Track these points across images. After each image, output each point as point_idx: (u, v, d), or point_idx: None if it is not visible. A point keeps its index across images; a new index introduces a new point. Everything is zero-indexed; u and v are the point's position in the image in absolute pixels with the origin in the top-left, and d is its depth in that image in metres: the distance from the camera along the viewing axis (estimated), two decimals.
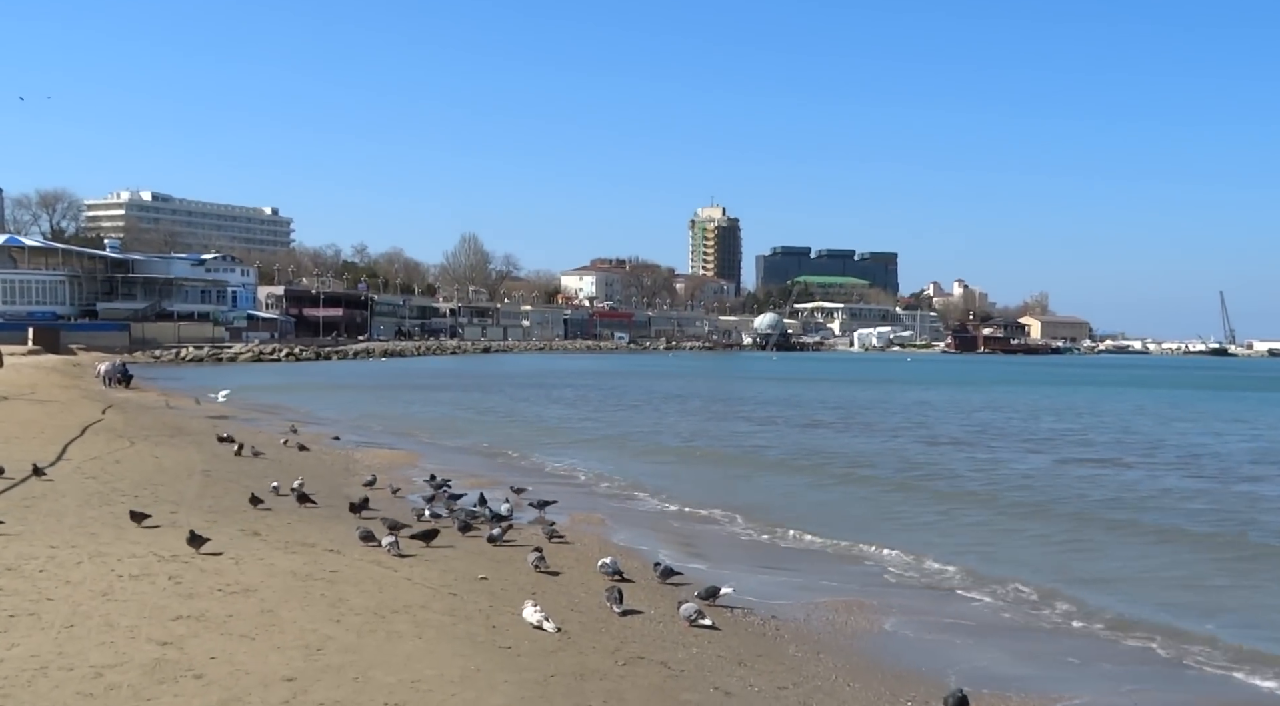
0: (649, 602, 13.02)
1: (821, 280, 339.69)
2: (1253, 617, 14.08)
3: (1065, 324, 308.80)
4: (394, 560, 13.90)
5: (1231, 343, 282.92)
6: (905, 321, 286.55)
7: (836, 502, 23.30)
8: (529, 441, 34.93)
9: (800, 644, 11.95)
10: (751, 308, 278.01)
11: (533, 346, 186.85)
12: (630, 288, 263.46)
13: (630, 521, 19.88)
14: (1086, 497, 24.14)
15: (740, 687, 9.82)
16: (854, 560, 17.17)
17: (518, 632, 10.77)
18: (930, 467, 29.54)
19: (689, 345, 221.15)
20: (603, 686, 9.20)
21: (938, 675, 11.08)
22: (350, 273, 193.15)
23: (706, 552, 17.49)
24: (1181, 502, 23.62)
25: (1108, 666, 11.79)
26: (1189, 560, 17.61)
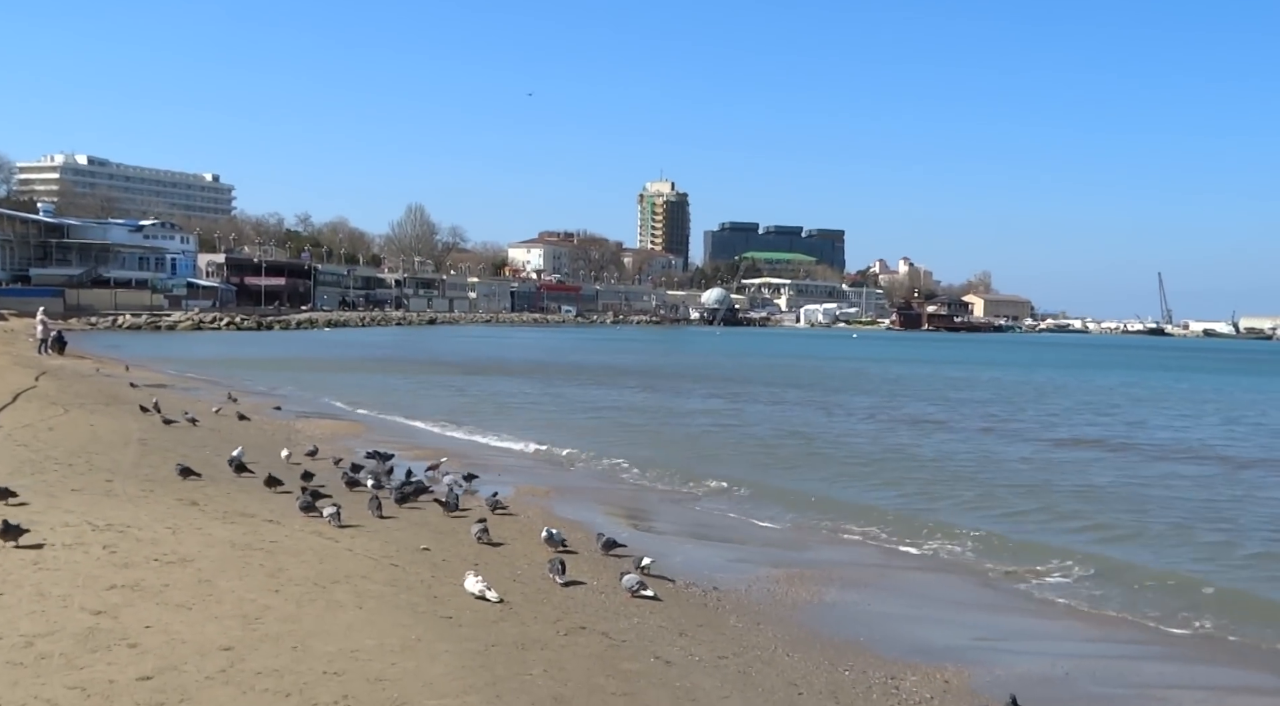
0: (592, 573, 13.05)
1: (769, 256, 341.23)
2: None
3: (1007, 302, 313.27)
4: (335, 530, 13.78)
5: (1169, 323, 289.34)
6: (851, 298, 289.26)
7: (787, 477, 23.46)
8: (476, 414, 34.80)
9: (741, 614, 12.05)
10: (699, 282, 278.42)
11: (479, 318, 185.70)
12: (578, 261, 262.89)
13: (575, 494, 19.88)
14: (1045, 474, 24.57)
15: (681, 657, 9.88)
16: (799, 533, 17.31)
17: (459, 603, 10.73)
18: (876, 445, 29.89)
19: (636, 319, 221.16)
20: (544, 656, 9.21)
21: (877, 645, 11.24)
22: (294, 242, 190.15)
23: (652, 525, 17.56)
24: (1102, 467, 24.16)
25: (1049, 639, 12.03)
26: (1158, 530, 17.99)
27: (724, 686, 9.09)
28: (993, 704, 9.30)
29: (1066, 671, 10.71)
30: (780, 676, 9.72)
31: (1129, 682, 10.46)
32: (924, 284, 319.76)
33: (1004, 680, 10.13)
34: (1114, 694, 10.08)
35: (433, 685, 8.00)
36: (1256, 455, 29.36)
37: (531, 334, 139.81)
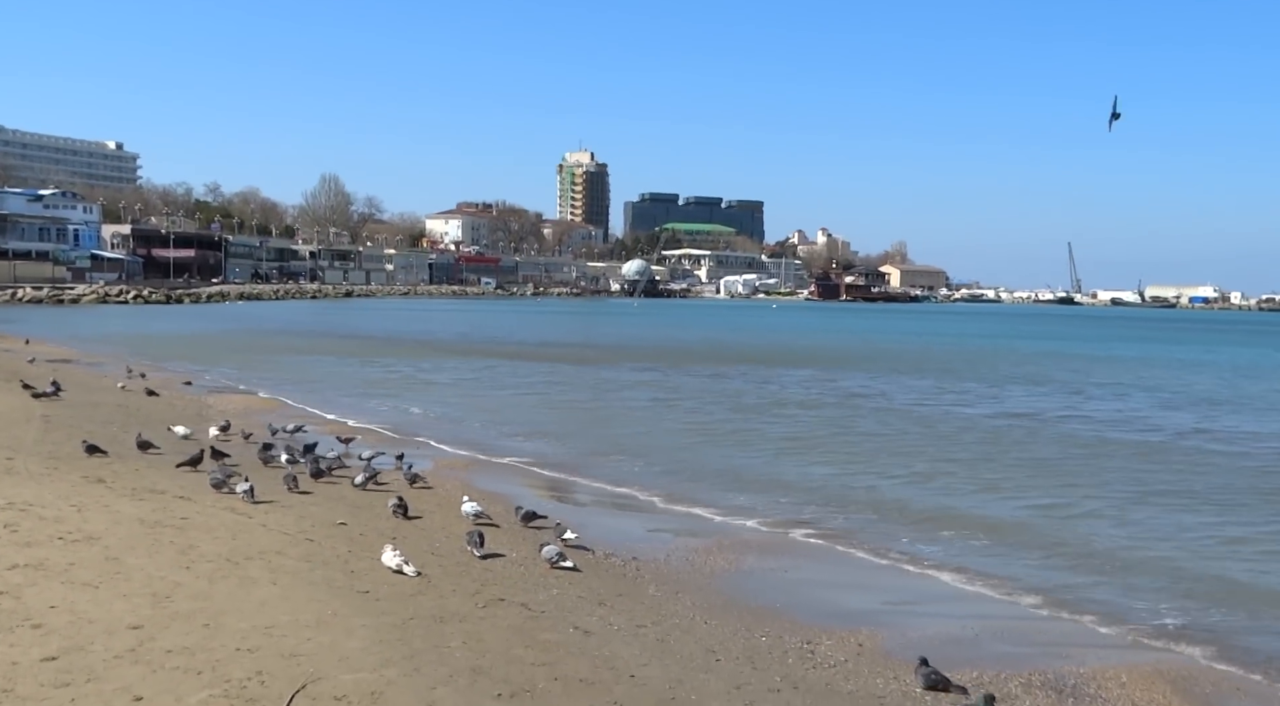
0: (511, 546, 13.03)
1: (689, 227, 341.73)
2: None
3: (923, 273, 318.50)
4: (248, 506, 13.55)
5: (1078, 292, 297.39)
6: (771, 269, 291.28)
7: (701, 450, 23.65)
8: (394, 388, 34.45)
9: (660, 584, 12.14)
10: (620, 254, 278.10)
11: (396, 291, 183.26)
12: (497, 232, 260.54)
13: (495, 467, 19.83)
14: (971, 443, 25.12)
15: (600, 627, 9.93)
16: (717, 505, 17.45)
17: (376, 577, 10.65)
18: (789, 417, 30.25)
19: (556, 291, 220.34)
20: (462, 628, 9.19)
21: (793, 611, 11.42)
22: (203, 212, 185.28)
23: (573, 497, 17.59)
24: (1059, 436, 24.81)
25: (960, 602, 12.33)
26: (1072, 501, 18.50)
27: (642, 654, 9.17)
28: (904, 664, 9.52)
29: (975, 633, 11.00)
30: (698, 643, 9.84)
31: (1034, 642, 10.78)
32: (842, 254, 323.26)
33: (915, 642, 10.37)
34: (1019, 652, 10.39)
35: (349, 659, 7.94)
36: (1184, 424, 30.36)
37: (451, 307, 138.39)
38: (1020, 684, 9.39)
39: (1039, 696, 9.15)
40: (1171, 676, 9.69)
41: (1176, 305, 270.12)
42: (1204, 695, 9.36)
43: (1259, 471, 21.57)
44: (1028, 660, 10.11)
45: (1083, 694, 9.29)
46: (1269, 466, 22.27)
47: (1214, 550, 14.92)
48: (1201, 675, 9.85)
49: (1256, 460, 23.23)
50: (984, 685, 9.25)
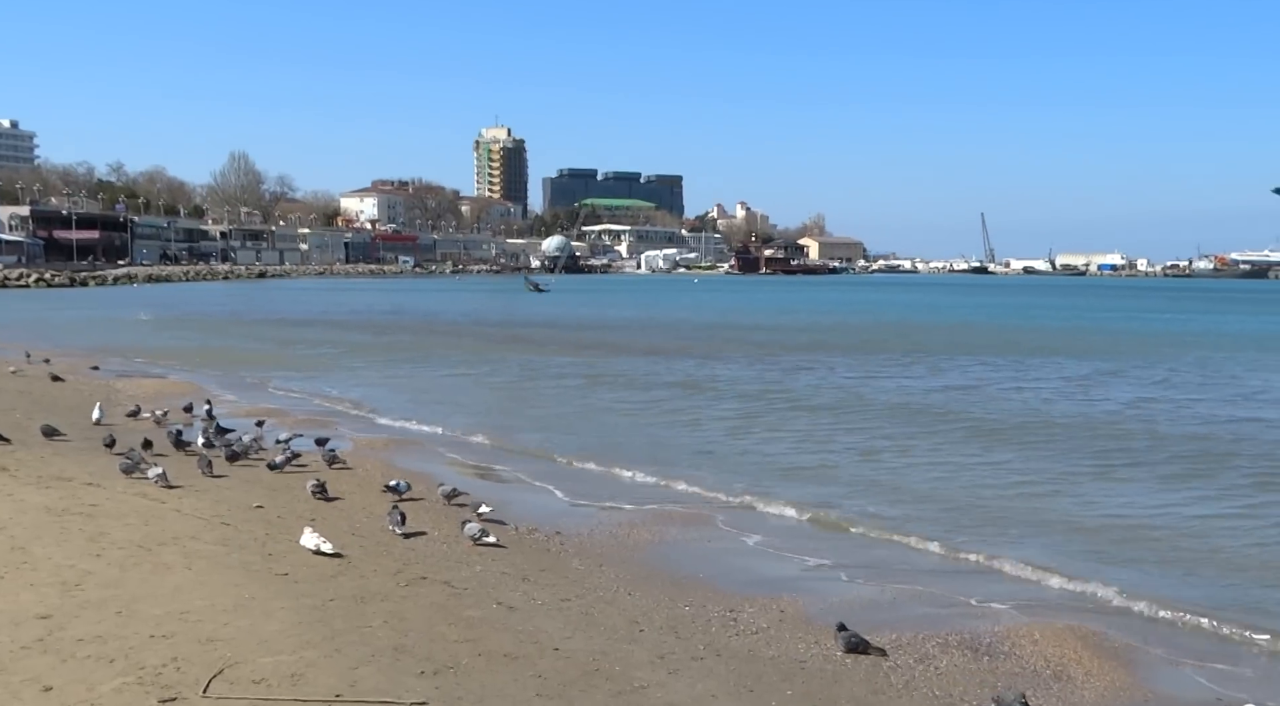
0: (433, 524, 12.95)
1: (608, 202, 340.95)
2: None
3: (841, 244, 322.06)
4: (161, 491, 13.25)
5: (991, 261, 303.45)
6: (691, 243, 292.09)
7: (626, 424, 23.71)
8: (311, 369, 33.89)
9: (584, 557, 12.16)
10: (539, 230, 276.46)
11: (311, 271, 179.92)
12: (414, 210, 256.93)
13: (416, 446, 19.62)
14: (895, 414, 25.51)
15: (523, 602, 9.92)
16: (644, 477, 17.51)
17: (295, 559, 10.50)
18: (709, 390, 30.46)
19: (476, 269, 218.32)
20: (384, 607, 9.11)
21: (716, 580, 11.52)
22: (107, 192, 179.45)
23: (496, 473, 17.49)
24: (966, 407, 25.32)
25: (879, 567, 12.54)
26: (984, 465, 18.89)
27: (566, 628, 9.18)
28: (825, 629, 9.67)
29: (893, 596, 11.22)
30: (622, 615, 9.88)
31: (951, 604, 11.02)
32: (761, 228, 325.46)
33: (836, 607, 10.54)
34: (936, 614, 10.61)
35: (268, 642, 7.82)
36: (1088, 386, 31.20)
37: (369, 286, 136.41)
38: (937, 644, 9.60)
39: (955, 656, 9.36)
40: (1083, 633, 9.97)
41: (1086, 273, 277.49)
42: (1114, 650, 9.66)
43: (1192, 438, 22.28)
44: (944, 621, 10.33)
45: (998, 652, 9.53)
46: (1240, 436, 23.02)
47: (1130, 512, 15.36)
48: (1112, 631, 10.15)
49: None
50: (902, 646, 9.45)
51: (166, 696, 6.79)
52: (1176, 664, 9.51)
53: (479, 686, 7.48)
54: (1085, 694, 8.69)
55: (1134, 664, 9.38)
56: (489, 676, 7.69)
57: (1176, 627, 10.50)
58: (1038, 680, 8.92)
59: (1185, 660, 9.58)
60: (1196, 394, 29.12)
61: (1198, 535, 13.90)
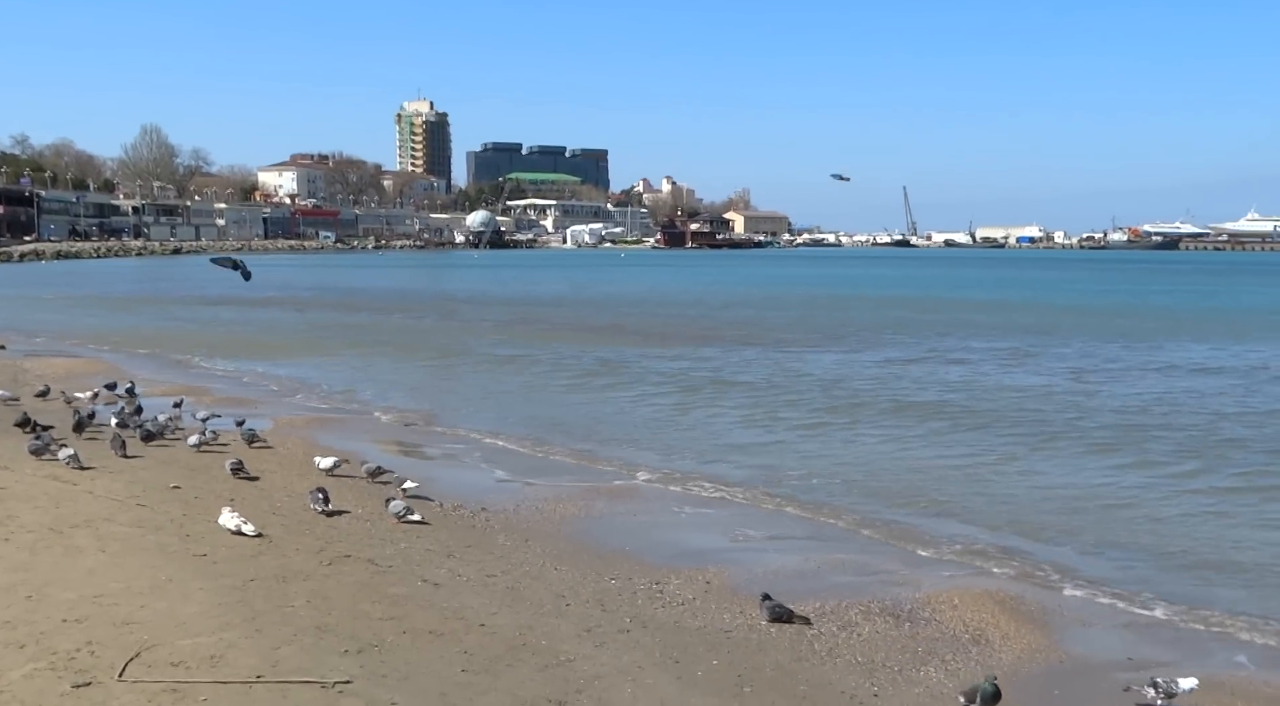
0: (357, 502, 12.78)
1: (533, 177, 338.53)
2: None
3: (766, 218, 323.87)
4: (73, 473, 12.89)
5: (913, 234, 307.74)
6: (617, 218, 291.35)
7: (553, 400, 23.65)
8: (231, 348, 33.21)
9: (510, 533, 12.11)
10: (463, 205, 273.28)
11: (229, 247, 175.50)
12: (335, 184, 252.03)
13: (339, 424, 19.35)
14: (821, 388, 25.75)
15: (448, 578, 9.86)
16: (571, 453, 17.50)
17: (214, 540, 10.30)
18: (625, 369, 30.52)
19: (399, 244, 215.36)
20: (306, 587, 8.99)
21: (642, 553, 11.55)
22: (10, 166, 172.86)
23: (421, 451, 17.33)
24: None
25: (804, 539, 12.69)
26: (901, 444, 19.18)
27: (492, 603, 9.15)
28: (750, 599, 9.77)
29: (817, 566, 11.36)
30: (548, 589, 9.87)
31: (873, 572, 11.20)
32: (687, 202, 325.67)
33: (760, 577, 10.65)
34: (859, 582, 10.78)
35: (186, 624, 7.67)
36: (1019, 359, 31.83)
37: (290, 262, 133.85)
38: (860, 611, 9.75)
39: (878, 622, 9.53)
40: (1001, 598, 10.21)
41: (1005, 245, 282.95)
42: (1030, 613, 9.91)
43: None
44: (867, 589, 10.50)
45: (919, 617, 9.72)
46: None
47: (1051, 484, 15.73)
48: (1029, 596, 10.41)
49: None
50: (826, 615, 9.58)
51: (80, 681, 6.63)
52: (1089, 626, 9.78)
53: (404, 664, 7.43)
54: (1003, 656, 8.90)
55: (1049, 627, 9.63)
56: (414, 653, 7.64)
57: (1091, 592, 10.79)
58: (957, 644, 9.11)
59: (1098, 622, 9.87)
60: (1120, 366, 29.90)
61: (1115, 505, 14.27)
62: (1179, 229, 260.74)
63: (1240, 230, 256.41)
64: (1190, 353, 32.88)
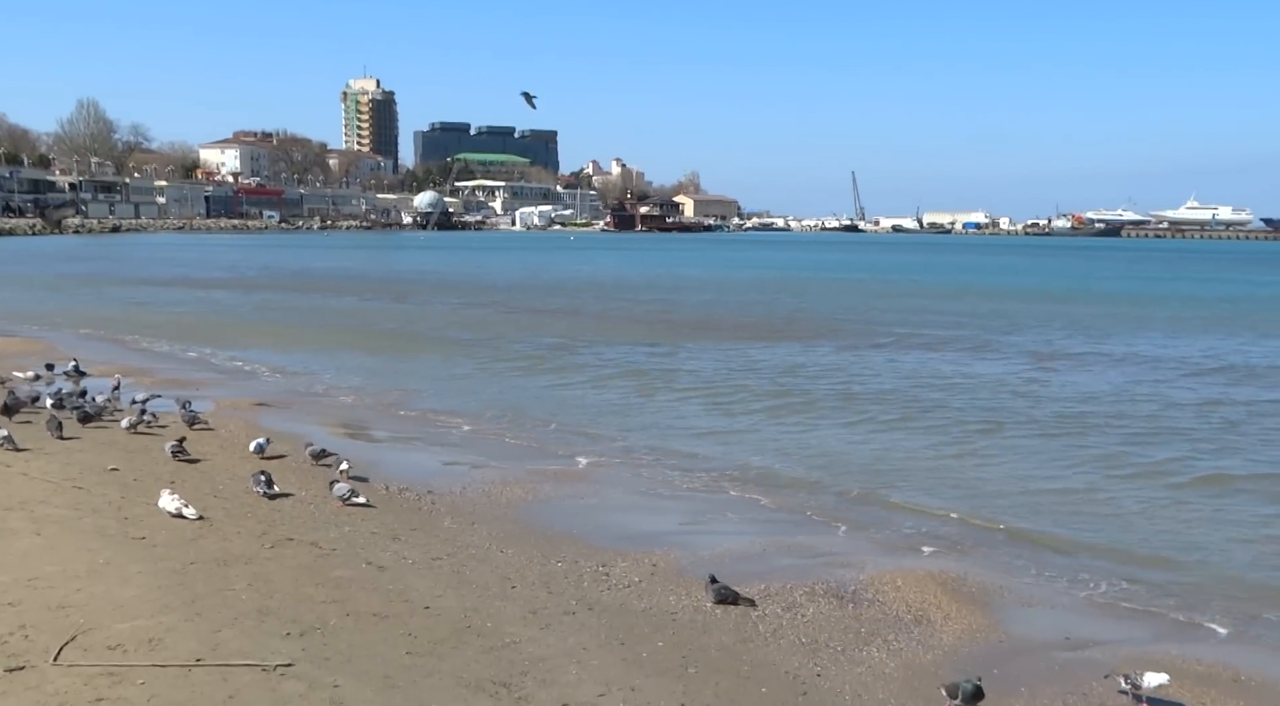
0: (301, 484, 12.65)
1: (482, 158, 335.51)
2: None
3: (716, 202, 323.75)
4: (6, 455, 12.62)
5: (861, 220, 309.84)
6: (566, 200, 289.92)
7: (500, 383, 23.54)
8: (173, 330, 32.66)
9: (456, 516, 12.05)
10: (410, 185, 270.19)
11: (170, 225, 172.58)
12: (279, 163, 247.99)
13: (283, 406, 19.11)
14: (766, 373, 25.85)
15: (393, 561, 9.79)
16: (516, 437, 17.43)
17: (154, 522, 10.14)
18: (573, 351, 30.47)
19: (345, 225, 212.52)
20: (248, 570, 8.88)
21: (589, 536, 11.56)
22: None
23: (367, 433, 17.17)
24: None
25: (750, 522, 12.78)
26: (855, 420, 19.33)
27: (437, 586, 9.10)
28: (696, 582, 9.82)
29: (763, 548, 11.44)
30: (494, 572, 9.84)
31: (818, 554, 11.30)
32: (636, 185, 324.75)
33: (707, 559, 10.70)
34: (804, 564, 10.87)
35: (123, 608, 7.54)
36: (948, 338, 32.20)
37: (233, 242, 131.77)
38: (804, 593, 9.84)
39: (822, 604, 9.62)
40: (943, 579, 10.36)
41: (951, 231, 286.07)
42: (971, 594, 10.06)
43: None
44: (811, 571, 10.59)
45: (862, 598, 9.83)
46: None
47: (989, 466, 15.96)
48: (971, 577, 10.57)
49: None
50: (771, 596, 9.66)
51: (13, 665, 6.50)
52: (1029, 606, 9.96)
53: (347, 646, 7.37)
54: (944, 637, 9.03)
55: (990, 607, 9.79)
56: (358, 636, 7.58)
57: (1031, 573, 10.98)
58: (899, 625, 9.23)
59: (1038, 603, 10.05)
60: (1071, 354, 30.38)
61: (1057, 490, 14.52)
62: (1121, 216, 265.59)
63: (1180, 218, 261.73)
64: (1140, 344, 33.43)
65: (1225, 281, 72.35)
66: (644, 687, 7.30)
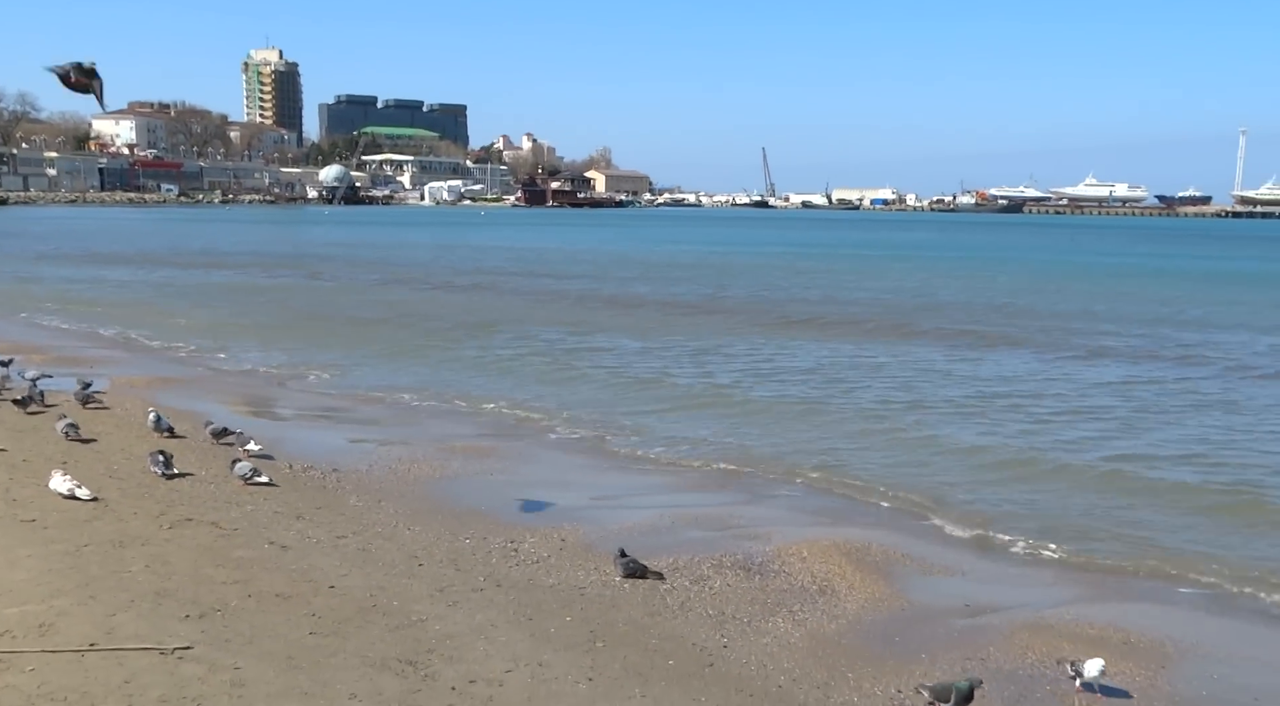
0: (201, 464, 12.34)
1: (390, 132, 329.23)
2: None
3: (628, 178, 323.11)
4: None
5: (772, 196, 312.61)
6: (476, 175, 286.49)
7: (409, 360, 23.26)
8: (66, 306, 31.57)
9: (362, 494, 11.89)
10: (316, 159, 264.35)
11: (61, 198, 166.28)
12: (177, 135, 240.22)
13: (182, 384, 18.63)
14: (669, 351, 25.91)
15: (297, 540, 9.62)
16: (425, 410, 17.26)
17: (45, 504, 9.80)
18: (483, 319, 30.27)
19: (248, 199, 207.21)
20: (146, 552, 8.64)
21: (498, 512, 11.50)
22: None
23: (271, 411, 16.82)
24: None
25: (660, 494, 12.84)
26: (758, 395, 19.49)
27: (343, 565, 8.97)
28: (605, 556, 9.84)
29: (671, 521, 11.51)
30: (401, 550, 9.73)
31: (725, 527, 11.41)
32: (548, 160, 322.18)
33: (616, 534, 10.73)
34: (712, 537, 10.97)
35: (12, 592, 7.29)
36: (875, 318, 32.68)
37: (130, 216, 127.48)
38: (712, 565, 9.93)
39: (729, 575, 9.72)
40: (847, 549, 10.55)
41: (860, 207, 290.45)
42: (874, 563, 10.27)
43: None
44: (719, 543, 10.70)
45: (769, 570, 9.96)
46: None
47: (893, 439, 16.26)
48: (874, 545, 10.78)
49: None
50: (679, 569, 9.73)
51: None
52: (931, 573, 10.20)
53: (248, 627, 7.23)
54: (848, 606, 9.20)
55: (893, 575, 10.00)
56: (260, 617, 7.44)
57: (932, 541, 11.26)
58: (805, 595, 9.38)
59: (938, 571, 10.30)
60: (991, 334, 31.06)
61: (959, 461, 14.87)
62: (1023, 193, 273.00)
63: (1079, 195, 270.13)
64: (1043, 319, 34.34)
65: (1138, 255, 74.71)
66: (552, 662, 7.31)
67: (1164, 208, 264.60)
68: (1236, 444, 16.05)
